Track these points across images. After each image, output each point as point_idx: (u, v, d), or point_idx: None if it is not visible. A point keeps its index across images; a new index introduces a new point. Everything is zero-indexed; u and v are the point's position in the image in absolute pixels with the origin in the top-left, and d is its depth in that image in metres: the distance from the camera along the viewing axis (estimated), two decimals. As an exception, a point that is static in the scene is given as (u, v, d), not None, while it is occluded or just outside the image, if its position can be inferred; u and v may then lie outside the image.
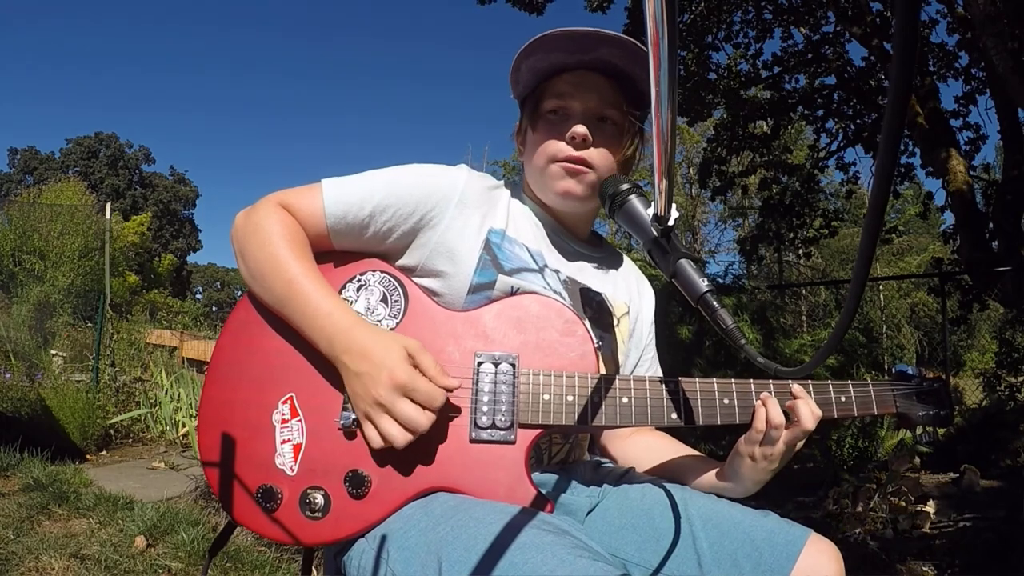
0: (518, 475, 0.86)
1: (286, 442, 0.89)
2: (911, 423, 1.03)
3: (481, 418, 0.88)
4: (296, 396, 0.91)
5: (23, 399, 5.04)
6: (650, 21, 0.52)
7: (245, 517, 0.88)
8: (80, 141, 42.58)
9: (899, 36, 0.32)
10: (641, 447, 1.14)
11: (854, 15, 6.49)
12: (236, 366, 0.94)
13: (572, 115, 1.05)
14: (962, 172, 5.92)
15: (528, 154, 1.10)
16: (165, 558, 2.59)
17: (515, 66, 1.06)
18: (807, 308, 12.66)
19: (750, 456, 0.93)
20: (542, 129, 1.07)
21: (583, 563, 0.67)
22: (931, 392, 1.04)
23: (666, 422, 0.92)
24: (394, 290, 0.97)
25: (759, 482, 0.96)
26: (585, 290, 1.08)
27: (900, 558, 2.64)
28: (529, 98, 1.10)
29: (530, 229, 1.08)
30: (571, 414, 0.90)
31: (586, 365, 0.93)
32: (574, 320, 0.95)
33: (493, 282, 0.98)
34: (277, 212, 0.95)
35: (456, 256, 0.98)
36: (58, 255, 15.33)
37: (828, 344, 0.54)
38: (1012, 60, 3.83)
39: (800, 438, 0.92)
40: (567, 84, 1.05)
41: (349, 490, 0.86)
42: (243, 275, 0.96)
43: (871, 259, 0.42)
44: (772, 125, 8.07)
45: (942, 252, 9.14)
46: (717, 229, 24.91)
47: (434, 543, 0.75)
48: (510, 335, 0.94)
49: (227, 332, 0.97)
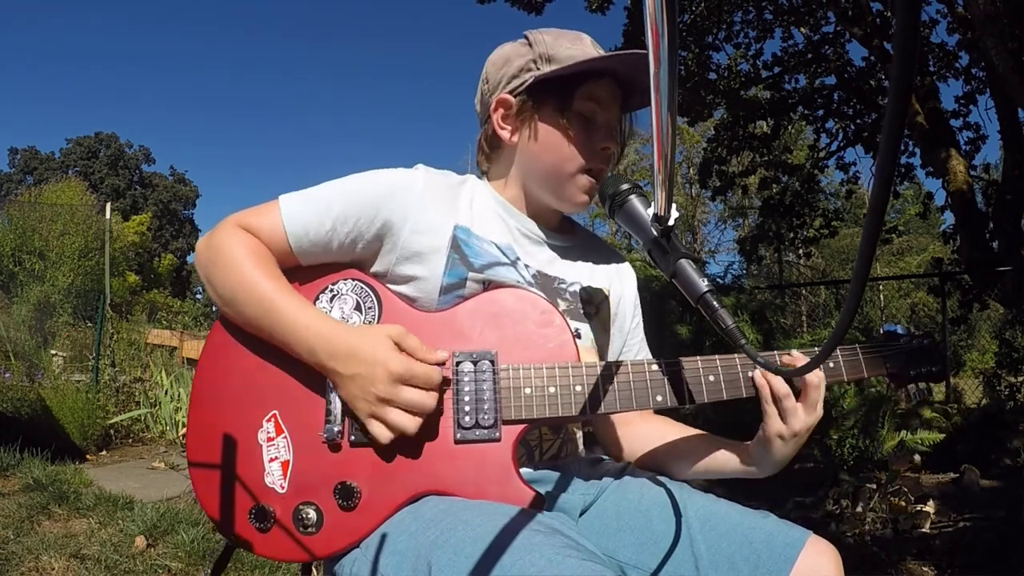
0: (506, 472, 0.86)
1: (274, 460, 0.89)
2: (903, 382, 1.01)
3: (464, 418, 0.88)
4: (279, 413, 0.90)
5: (23, 399, 5.04)
6: (650, 20, 0.52)
7: (241, 539, 0.88)
8: (80, 141, 42.56)
9: (899, 36, 0.32)
10: (642, 434, 1.11)
11: (854, 15, 6.49)
12: (217, 390, 0.93)
13: (601, 126, 1.03)
14: (962, 172, 5.92)
15: (536, 146, 1.03)
16: (165, 558, 2.59)
17: (543, 42, 1.03)
18: (807, 308, 12.65)
19: (779, 436, 0.91)
20: (576, 128, 1.01)
21: (572, 563, 0.67)
22: (922, 350, 1.01)
23: (652, 405, 0.91)
24: (367, 297, 0.96)
25: (787, 460, 0.95)
26: (558, 282, 1.06)
27: (900, 558, 2.64)
28: (554, 86, 1.01)
29: (497, 224, 1.05)
30: (554, 406, 0.89)
31: (565, 355, 0.92)
32: (550, 310, 0.94)
33: (464, 280, 0.96)
34: (238, 234, 0.94)
35: (424, 258, 0.97)
36: (58, 255, 15.34)
37: (828, 344, 0.54)
38: (1012, 60, 3.83)
39: (817, 399, 0.90)
40: (605, 92, 1.03)
41: (339, 502, 0.85)
42: (214, 300, 0.95)
43: (871, 259, 0.42)
44: (772, 125, 8.08)
45: (942, 252, 9.14)
46: (717, 229, 24.93)
47: (423, 547, 0.75)
48: (487, 331, 0.93)
49: (205, 356, 0.96)
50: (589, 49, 1.03)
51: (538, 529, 0.73)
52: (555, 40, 1.03)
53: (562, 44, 1.02)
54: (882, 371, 0.99)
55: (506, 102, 1.05)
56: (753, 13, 7.74)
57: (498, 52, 1.09)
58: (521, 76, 1.04)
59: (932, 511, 3.10)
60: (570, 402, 0.89)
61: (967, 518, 3.09)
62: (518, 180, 1.08)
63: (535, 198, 1.08)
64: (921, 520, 3.00)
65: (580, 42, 1.04)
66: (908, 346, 1.01)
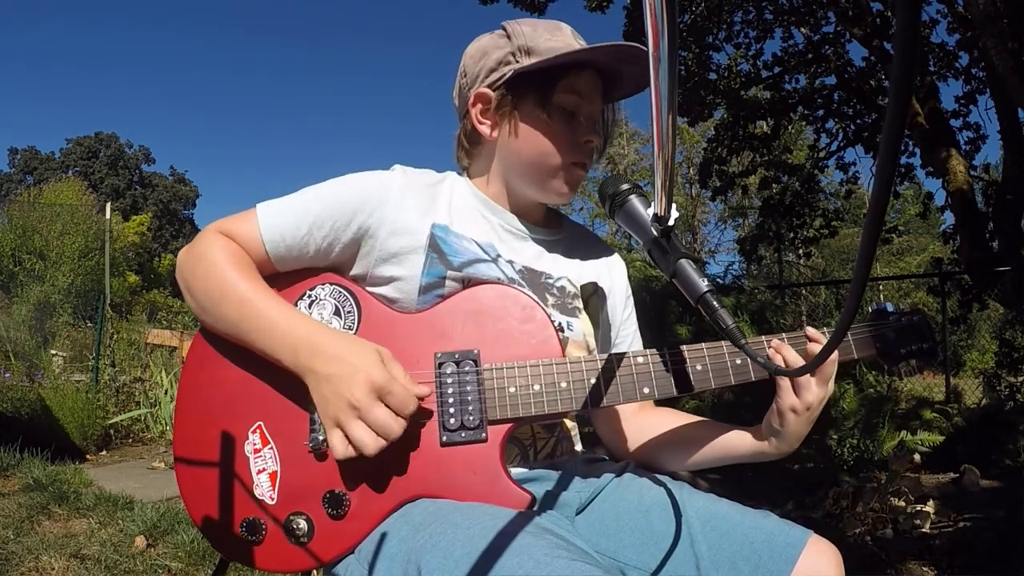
0: (495, 473, 0.85)
1: (262, 471, 0.88)
2: (893, 360, 0.99)
3: (449, 420, 0.87)
4: (264, 424, 0.89)
5: (23, 399, 5.04)
6: (650, 19, 0.52)
7: (235, 553, 0.87)
8: (80, 141, 42.55)
9: (900, 36, 0.32)
10: (648, 426, 1.09)
11: (854, 15, 6.49)
12: (201, 403, 0.92)
13: (584, 119, 1.02)
14: (962, 172, 5.92)
15: (518, 142, 1.01)
16: (165, 558, 2.59)
17: (522, 33, 1.01)
18: (807, 308, 12.65)
19: (792, 409, 0.89)
20: (558, 123, 1.00)
21: (561, 563, 0.66)
22: (912, 327, 0.99)
23: (639, 397, 0.90)
24: (345, 301, 0.95)
25: (802, 436, 0.93)
26: (545, 276, 1.04)
27: (900, 558, 2.64)
28: (534, 79, 0.99)
29: (477, 221, 1.03)
30: (540, 403, 0.88)
31: (549, 350, 0.91)
32: (532, 305, 0.92)
33: (443, 279, 0.95)
34: (218, 239, 0.93)
35: (402, 258, 0.96)
36: (58, 255, 15.34)
37: (829, 344, 0.54)
38: (1012, 60, 3.83)
39: (831, 374, 0.89)
40: (587, 84, 1.01)
41: (328, 511, 0.85)
42: (193, 310, 0.94)
43: (872, 259, 0.41)
44: (772, 125, 8.08)
45: (942, 252, 9.14)
46: (717, 229, 24.96)
47: (413, 551, 0.74)
48: (468, 330, 0.91)
49: (187, 370, 0.95)
50: (569, 40, 1.02)
51: (528, 530, 0.73)
52: (534, 31, 1.01)
53: (541, 35, 1.01)
54: (871, 351, 0.98)
55: (485, 96, 1.02)
56: (753, 13, 7.74)
57: (475, 44, 1.06)
58: (500, 69, 1.01)
59: (932, 511, 3.10)
60: (556, 399, 0.88)
61: (967, 518, 3.09)
62: (500, 176, 1.06)
63: (518, 193, 1.06)
64: (921, 520, 3.00)
65: (559, 33, 1.02)
66: (897, 324, 0.99)
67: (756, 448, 0.97)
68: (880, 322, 1.00)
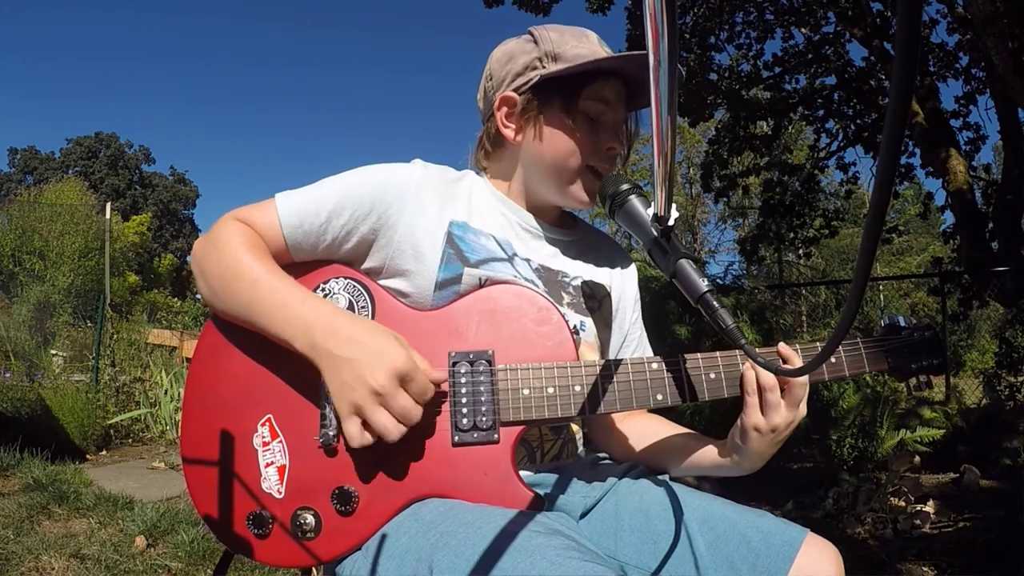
0: (505, 474, 0.85)
1: (270, 465, 0.87)
2: (904, 375, 1.00)
3: (462, 420, 0.86)
4: (274, 417, 0.89)
5: (23, 399, 5.04)
6: (650, 21, 0.52)
7: (240, 546, 0.86)
8: (80, 141, 42.54)
9: (900, 37, 0.32)
10: (632, 433, 1.10)
11: (855, 16, 6.50)
12: (210, 395, 0.92)
13: (608, 126, 1.03)
14: (962, 172, 5.93)
15: (541, 146, 1.02)
16: (165, 558, 2.59)
17: (549, 39, 1.02)
18: (807, 308, 12.65)
19: (755, 428, 0.89)
20: (582, 129, 1.01)
21: (573, 564, 0.66)
22: (923, 342, 1.00)
23: (652, 404, 0.90)
24: (360, 296, 0.94)
25: (765, 456, 0.92)
26: (561, 275, 1.05)
27: (900, 558, 2.64)
28: (560, 85, 1.00)
29: (496, 219, 1.04)
30: (553, 406, 0.88)
31: (564, 353, 0.90)
32: (548, 307, 0.92)
33: (459, 276, 0.95)
34: (235, 225, 0.93)
35: (418, 252, 0.96)
36: (58, 255, 15.34)
37: (829, 344, 0.54)
38: (1012, 60, 3.83)
39: (801, 396, 0.88)
40: (612, 92, 1.02)
41: (337, 507, 0.84)
42: (205, 297, 0.93)
43: (872, 259, 0.41)
44: (773, 125, 8.08)
45: (942, 252, 9.15)
46: (717, 229, 24.97)
47: (424, 549, 0.74)
48: (483, 330, 0.91)
49: (197, 360, 0.94)
50: (596, 47, 1.03)
51: (539, 530, 0.73)
52: (561, 37, 1.02)
53: (568, 42, 1.02)
54: (883, 365, 0.98)
55: (510, 100, 1.03)
56: (754, 14, 7.75)
57: (502, 48, 1.07)
58: (526, 74, 1.02)
59: (932, 511, 3.10)
60: (569, 403, 0.88)
61: (967, 518, 3.08)
62: (520, 178, 1.07)
63: (537, 195, 1.07)
64: (921, 520, 3.00)
65: (586, 39, 1.03)
66: (909, 339, 1.00)
67: (721, 463, 0.97)
68: (892, 337, 1.00)
